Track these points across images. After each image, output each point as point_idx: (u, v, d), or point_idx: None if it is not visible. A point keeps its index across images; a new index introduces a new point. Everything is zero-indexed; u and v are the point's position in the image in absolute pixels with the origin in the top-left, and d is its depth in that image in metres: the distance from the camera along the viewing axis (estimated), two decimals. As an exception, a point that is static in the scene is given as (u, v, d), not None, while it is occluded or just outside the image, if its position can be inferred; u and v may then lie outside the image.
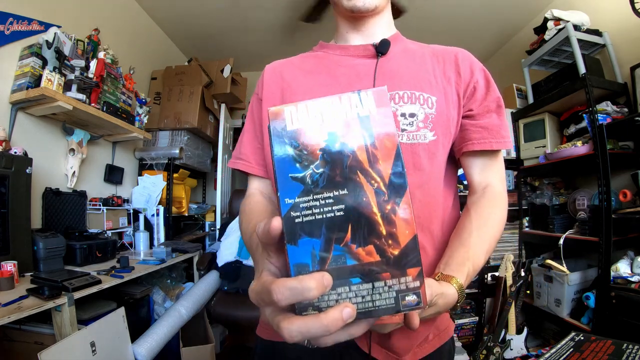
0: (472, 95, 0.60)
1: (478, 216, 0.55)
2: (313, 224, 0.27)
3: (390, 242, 0.27)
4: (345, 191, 0.27)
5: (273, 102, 0.64)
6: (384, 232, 0.27)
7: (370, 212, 0.27)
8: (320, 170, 0.27)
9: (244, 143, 0.67)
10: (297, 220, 0.27)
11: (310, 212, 0.27)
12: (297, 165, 0.27)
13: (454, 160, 0.64)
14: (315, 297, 0.26)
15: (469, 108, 0.60)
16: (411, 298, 0.28)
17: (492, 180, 0.60)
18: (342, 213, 0.27)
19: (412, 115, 0.57)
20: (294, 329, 0.26)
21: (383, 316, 0.28)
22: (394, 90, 0.58)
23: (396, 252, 0.27)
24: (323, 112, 0.29)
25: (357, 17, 0.62)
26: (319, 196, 0.27)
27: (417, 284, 0.28)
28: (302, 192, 0.27)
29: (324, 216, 0.27)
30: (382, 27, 0.65)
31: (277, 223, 0.27)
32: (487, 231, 0.53)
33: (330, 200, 0.27)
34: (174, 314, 1.77)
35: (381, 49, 0.61)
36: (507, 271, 2.07)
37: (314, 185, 0.27)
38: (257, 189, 0.65)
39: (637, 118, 1.58)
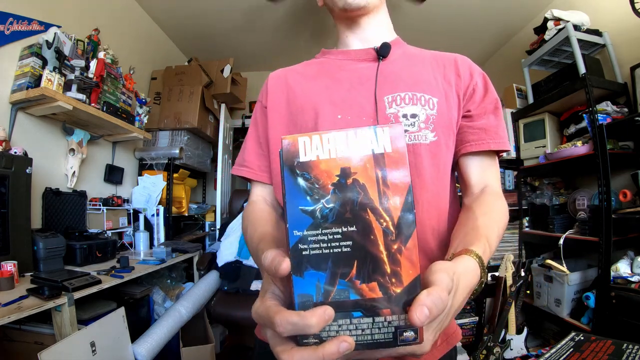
0: (471, 97, 0.61)
1: (481, 207, 0.54)
2: (320, 258, 0.28)
3: (393, 280, 0.28)
4: (354, 228, 0.28)
5: (278, 109, 0.65)
6: (389, 271, 0.28)
7: (377, 250, 0.28)
8: (331, 205, 0.28)
9: (247, 150, 0.67)
10: (304, 253, 0.27)
11: (317, 245, 0.28)
12: (308, 198, 0.28)
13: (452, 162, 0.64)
14: (316, 332, 0.27)
15: (467, 109, 0.60)
16: (409, 334, 0.28)
17: (490, 181, 0.59)
18: (349, 249, 0.28)
19: (413, 115, 0.57)
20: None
21: (380, 349, 0.29)
22: (395, 92, 0.58)
23: (398, 290, 0.28)
24: (337, 145, 0.29)
25: (352, 17, 0.63)
26: (327, 231, 0.28)
27: None
28: (311, 225, 0.28)
29: (331, 251, 0.28)
30: (380, 30, 0.66)
31: (286, 266, 0.28)
32: (493, 217, 0.51)
33: (339, 236, 0.28)
34: (174, 314, 1.77)
35: (382, 52, 0.62)
36: (507, 271, 2.07)
37: (323, 219, 0.28)
38: (260, 195, 0.65)
39: (637, 118, 1.58)
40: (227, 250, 2.26)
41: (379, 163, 0.28)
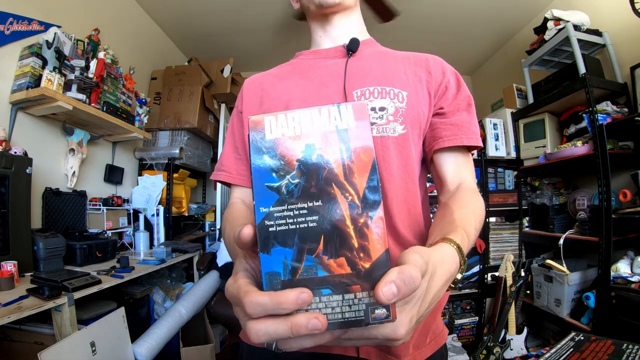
0: (443, 94, 0.61)
1: (457, 202, 0.53)
2: (286, 234, 0.27)
3: (361, 255, 0.27)
4: (319, 203, 0.28)
5: (253, 112, 0.66)
6: (356, 245, 0.27)
7: (343, 224, 0.27)
8: (296, 180, 0.28)
9: (225, 155, 0.69)
10: (270, 229, 0.27)
11: (284, 221, 0.27)
12: (274, 174, 0.28)
13: (424, 159, 0.64)
14: (287, 312, 0.26)
15: (440, 106, 0.61)
16: (380, 311, 0.27)
17: (465, 178, 0.59)
18: (315, 224, 0.27)
19: (382, 109, 0.58)
20: (261, 328, 0.26)
21: (352, 328, 0.28)
22: (364, 87, 0.60)
23: (367, 265, 0.27)
24: (302, 123, 0.29)
25: (326, 15, 0.65)
26: (293, 206, 0.28)
27: None
28: (277, 201, 0.28)
29: (297, 226, 0.27)
30: (353, 30, 0.68)
31: (247, 230, 0.29)
32: (470, 210, 0.51)
33: (304, 211, 0.28)
34: (174, 314, 1.77)
35: (351, 47, 0.64)
36: (507, 271, 2.07)
37: (289, 195, 0.28)
38: (239, 197, 0.67)
39: (637, 118, 1.58)
40: (227, 251, 2.26)
41: (343, 139, 0.28)
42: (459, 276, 0.38)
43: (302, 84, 0.64)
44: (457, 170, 0.60)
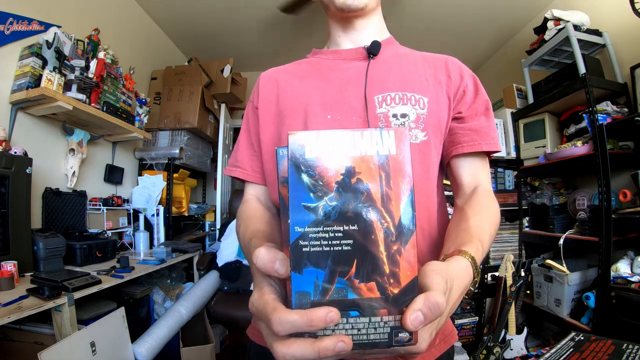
0: (462, 98, 0.61)
1: (473, 208, 0.54)
2: (320, 255, 0.27)
3: (391, 281, 0.28)
4: (355, 227, 0.28)
5: (268, 109, 0.65)
6: (387, 271, 0.28)
7: (377, 250, 0.28)
8: (334, 203, 0.28)
9: (240, 150, 0.68)
10: (304, 250, 0.27)
11: (318, 243, 0.27)
12: (311, 195, 0.28)
13: (441, 162, 0.64)
14: (315, 330, 0.27)
15: (458, 111, 0.60)
16: (404, 335, 0.28)
17: (482, 181, 0.59)
18: (349, 248, 0.28)
19: (403, 115, 0.57)
20: (289, 352, 0.27)
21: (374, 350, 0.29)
22: (385, 92, 0.58)
23: (396, 290, 0.28)
24: (344, 144, 0.29)
25: (348, 18, 0.63)
26: (329, 228, 0.28)
27: None
28: (312, 222, 0.28)
29: (332, 249, 0.28)
30: (373, 31, 0.66)
31: (285, 269, 0.29)
32: (485, 217, 0.51)
33: (340, 234, 0.28)
34: (174, 314, 1.77)
35: (372, 50, 0.62)
36: (507, 271, 2.07)
37: (325, 217, 0.28)
38: (253, 195, 0.66)
39: (637, 118, 1.58)
40: (227, 250, 2.26)
41: (383, 165, 0.29)
42: (473, 288, 0.39)
43: (321, 86, 0.62)
44: (475, 175, 0.60)
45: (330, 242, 0.28)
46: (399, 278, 0.28)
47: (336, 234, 0.28)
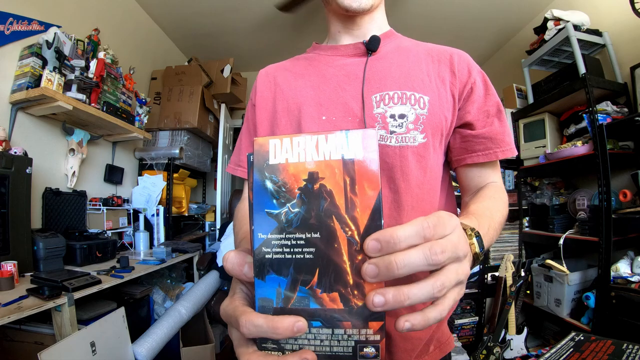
0: (469, 96, 0.57)
1: (480, 199, 0.53)
2: (282, 263, 0.27)
3: (355, 292, 0.27)
4: (317, 235, 0.27)
5: (265, 107, 0.64)
6: (351, 282, 0.27)
7: (340, 260, 0.27)
8: (296, 210, 0.27)
9: (243, 149, 0.68)
10: (267, 256, 0.27)
11: (280, 250, 0.27)
12: (274, 201, 0.27)
13: (446, 162, 0.62)
14: (280, 339, 0.27)
15: (467, 111, 0.57)
16: (369, 350, 0.27)
17: (492, 179, 0.59)
18: (311, 256, 0.27)
19: (401, 116, 0.55)
20: None
21: None
22: (383, 91, 0.56)
23: (360, 303, 0.27)
24: (307, 149, 0.27)
25: (351, 16, 0.62)
26: (291, 236, 0.27)
27: (378, 337, 0.27)
28: (275, 229, 0.27)
29: (294, 257, 0.27)
30: (375, 26, 0.64)
31: (248, 271, 0.29)
32: (493, 204, 0.49)
33: (302, 242, 0.27)
34: (174, 314, 1.77)
35: (371, 46, 0.60)
36: (507, 271, 2.07)
37: (287, 224, 0.27)
38: None
39: (637, 118, 1.58)
40: (227, 250, 2.26)
41: (348, 169, 0.27)
42: (477, 249, 0.34)
43: (317, 85, 0.60)
44: (486, 178, 0.59)
45: (292, 250, 0.27)
46: (364, 290, 0.26)
47: (298, 242, 0.27)
